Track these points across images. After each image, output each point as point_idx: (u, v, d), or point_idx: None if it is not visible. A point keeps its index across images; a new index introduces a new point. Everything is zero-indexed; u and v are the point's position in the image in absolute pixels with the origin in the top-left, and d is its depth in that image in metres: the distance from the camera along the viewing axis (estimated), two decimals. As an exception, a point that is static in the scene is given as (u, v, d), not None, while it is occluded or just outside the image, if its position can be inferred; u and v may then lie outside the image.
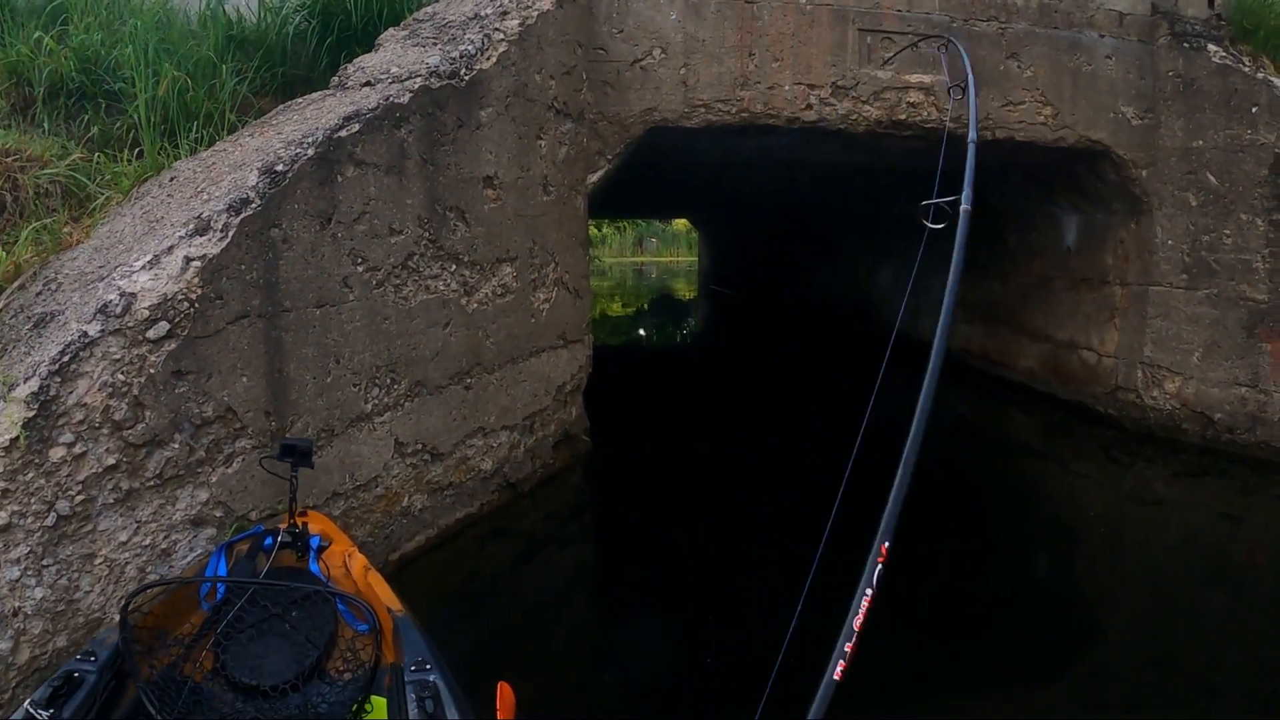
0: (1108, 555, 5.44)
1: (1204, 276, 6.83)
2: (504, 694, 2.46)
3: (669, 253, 40.42)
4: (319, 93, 4.41)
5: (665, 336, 17.10)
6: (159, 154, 3.97)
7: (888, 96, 6.51)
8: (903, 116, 6.55)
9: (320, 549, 2.99)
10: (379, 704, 2.39)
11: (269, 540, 2.95)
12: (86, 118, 4.29)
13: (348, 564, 2.99)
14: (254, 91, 4.82)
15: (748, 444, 7.54)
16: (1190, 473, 6.61)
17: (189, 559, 3.09)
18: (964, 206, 2.72)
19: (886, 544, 2.02)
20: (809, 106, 6.40)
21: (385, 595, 2.81)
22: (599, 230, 32.72)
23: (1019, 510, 6.21)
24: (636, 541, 5.27)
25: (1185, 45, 6.86)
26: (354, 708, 2.35)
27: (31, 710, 2.05)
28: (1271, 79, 6.62)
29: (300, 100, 4.32)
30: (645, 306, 22.54)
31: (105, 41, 4.63)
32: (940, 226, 2.74)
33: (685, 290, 26.72)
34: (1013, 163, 7.94)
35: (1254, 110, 6.54)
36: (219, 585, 2.73)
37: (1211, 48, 6.80)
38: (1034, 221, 8.71)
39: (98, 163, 3.87)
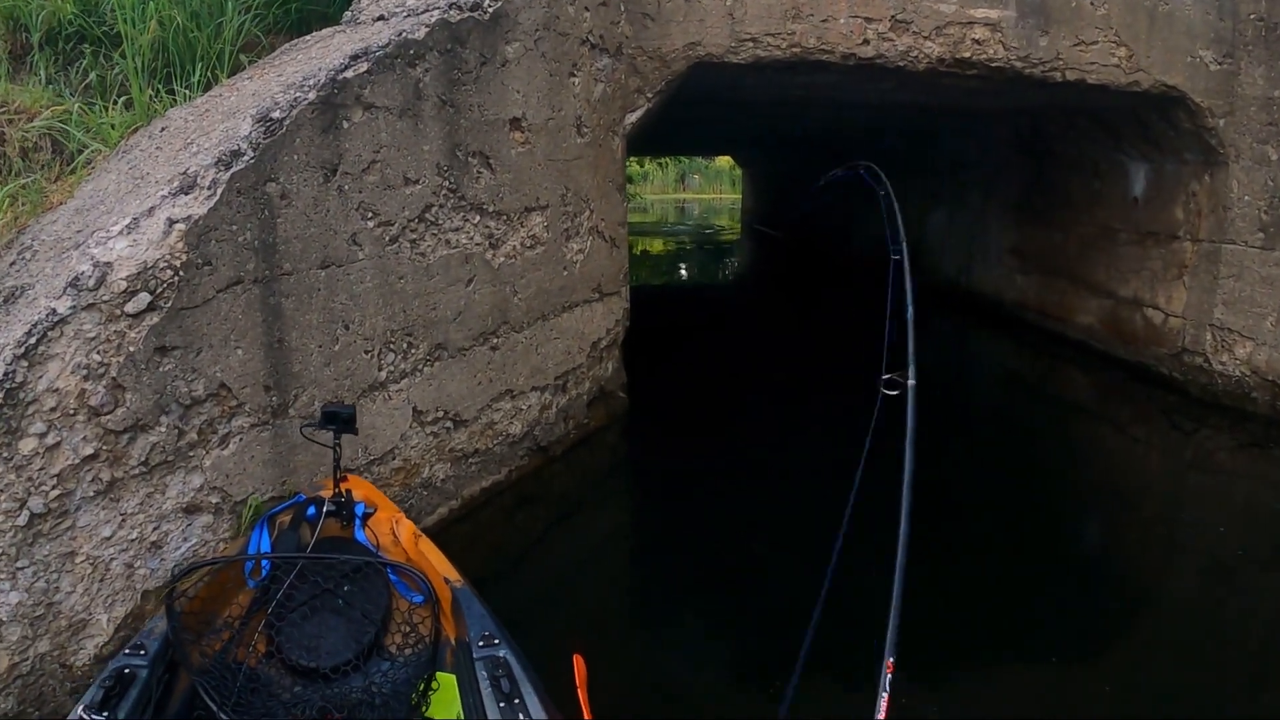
0: (1165, 525, 5.06)
1: (1283, 236, 6.17)
2: (578, 666, 2.24)
3: (711, 189, 39.29)
4: (329, 29, 3.95)
5: (708, 277, 16.54)
6: (154, 101, 3.54)
7: (951, 32, 5.84)
8: (967, 54, 5.89)
9: (366, 516, 2.75)
10: (446, 681, 2.15)
11: (312, 510, 2.71)
12: (84, 64, 3.88)
13: (396, 531, 2.75)
14: (266, 30, 4.36)
15: (793, 395, 7.14)
16: (1257, 444, 6.06)
17: (182, 550, 2.78)
18: (910, 382, 2.63)
19: (891, 659, 1.99)
20: (866, 41, 5.77)
21: (440, 564, 2.57)
22: (640, 166, 31.87)
23: (1073, 474, 5.78)
24: (677, 504, 4.93)
25: (1270, -15, 6.10)
26: (420, 686, 2.12)
27: (85, 716, 1.84)
28: (1366, 23, 5.85)
29: (308, 38, 3.87)
30: (688, 245, 21.87)
31: (105, -21, 4.20)
32: (894, 393, 2.66)
33: (729, 230, 25.84)
34: (1078, 106, 7.23)
35: (1344, 58, 5.80)
36: (264, 561, 2.49)
37: (1299, -12, 6.04)
38: (1098, 169, 7.99)
39: (78, 114, 3.45)
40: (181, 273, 2.68)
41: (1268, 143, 6.26)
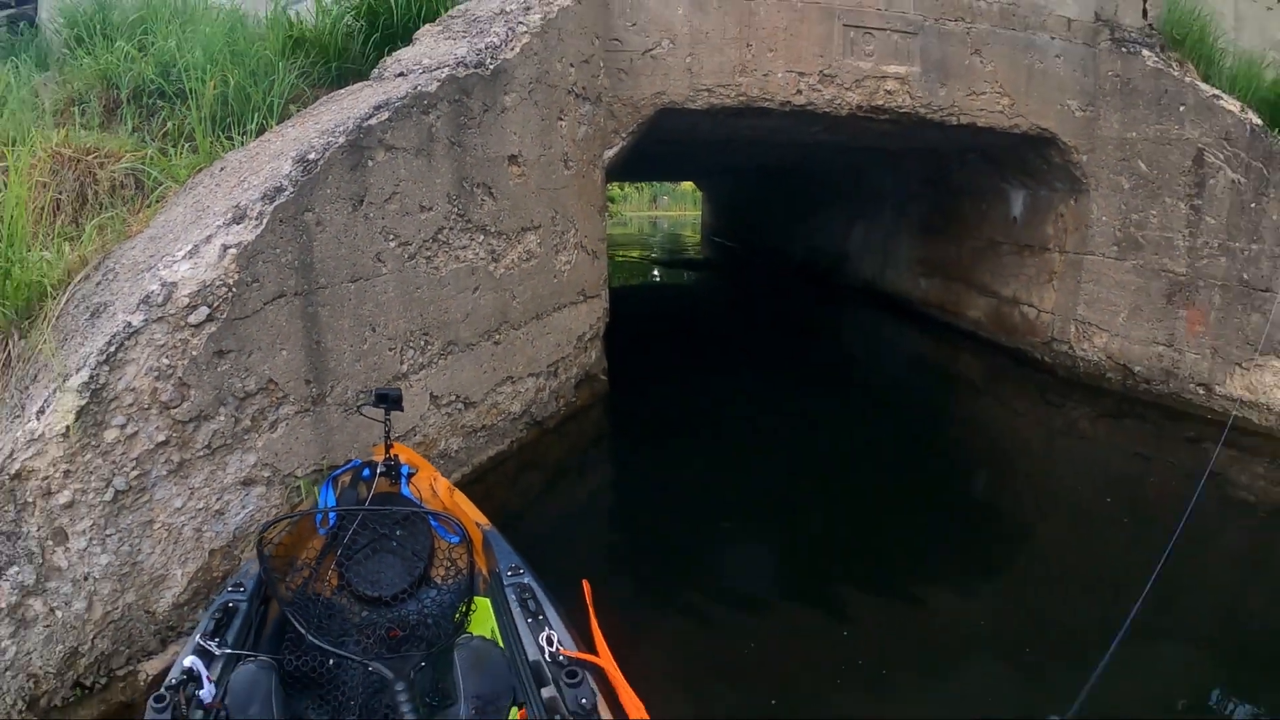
0: (1036, 480, 5.16)
1: (1132, 250, 6.25)
2: (586, 590, 2.26)
3: (679, 208, 39.06)
4: (360, 84, 3.88)
5: (672, 277, 16.48)
6: (216, 146, 3.47)
7: (868, 84, 5.85)
8: (880, 102, 5.90)
9: (410, 475, 2.80)
10: (482, 604, 2.21)
11: (366, 471, 2.77)
12: (163, 115, 3.79)
13: (434, 487, 2.81)
14: (310, 85, 4.26)
15: (748, 377, 7.17)
16: (1111, 415, 6.17)
17: (241, 516, 2.76)
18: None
19: None
20: (799, 92, 5.76)
21: (471, 511, 2.63)
22: (621, 189, 31.61)
23: (962, 437, 5.89)
24: (652, 465, 4.96)
25: (1123, 50, 6.17)
26: (461, 608, 2.18)
27: (203, 643, 1.85)
28: (1196, 83, 5.94)
29: (341, 91, 3.80)
30: (655, 253, 21.72)
31: (180, 47, 4.09)
32: None
33: (692, 242, 25.67)
34: (971, 144, 7.26)
35: (1181, 109, 5.87)
36: (331, 513, 2.55)
37: (1146, 53, 6.09)
38: (986, 195, 8.04)
39: (155, 157, 3.37)
40: (234, 289, 2.64)
41: (1121, 175, 6.32)
